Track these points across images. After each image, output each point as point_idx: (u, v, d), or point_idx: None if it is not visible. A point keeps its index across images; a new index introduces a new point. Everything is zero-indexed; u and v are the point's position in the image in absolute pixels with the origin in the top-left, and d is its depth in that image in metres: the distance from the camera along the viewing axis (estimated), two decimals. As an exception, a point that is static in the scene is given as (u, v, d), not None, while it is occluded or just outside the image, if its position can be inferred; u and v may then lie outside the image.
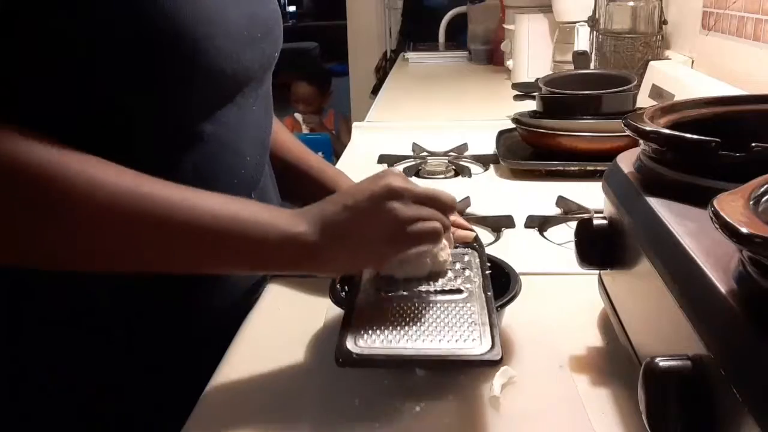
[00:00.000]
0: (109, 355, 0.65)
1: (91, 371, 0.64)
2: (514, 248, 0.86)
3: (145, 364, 0.66)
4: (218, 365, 0.62)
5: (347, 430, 0.53)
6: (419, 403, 0.55)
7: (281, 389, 0.58)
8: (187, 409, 0.56)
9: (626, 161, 0.60)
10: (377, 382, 0.58)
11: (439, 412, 0.55)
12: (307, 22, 6.92)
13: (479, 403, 0.56)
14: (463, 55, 2.71)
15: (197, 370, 0.61)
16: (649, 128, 0.54)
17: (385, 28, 3.65)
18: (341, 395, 0.57)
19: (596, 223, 0.61)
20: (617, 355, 0.61)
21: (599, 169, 1.07)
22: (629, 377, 0.54)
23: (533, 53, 1.95)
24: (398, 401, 0.56)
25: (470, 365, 0.54)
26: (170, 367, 0.67)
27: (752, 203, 0.36)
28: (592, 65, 1.56)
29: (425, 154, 1.31)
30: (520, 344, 0.64)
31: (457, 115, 1.68)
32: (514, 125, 1.26)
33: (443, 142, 1.35)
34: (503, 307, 0.61)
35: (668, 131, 0.54)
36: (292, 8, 7.20)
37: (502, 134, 1.32)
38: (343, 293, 0.64)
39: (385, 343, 0.52)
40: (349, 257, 0.57)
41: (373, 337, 0.53)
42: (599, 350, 0.62)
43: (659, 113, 0.59)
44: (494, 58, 2.44)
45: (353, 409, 0.55)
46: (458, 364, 0.52)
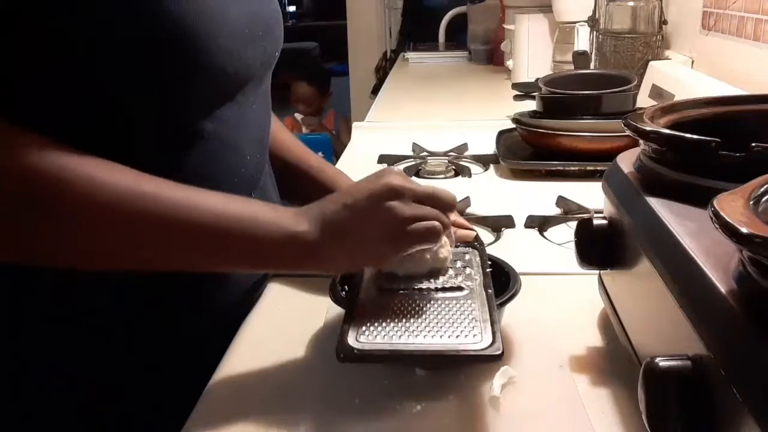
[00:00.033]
0: (109, 355, 0.65)
1: (91, 371, 0.64)
2: (514, 248, 0.86)
3: (145, 364, 0.66)
4: (218, 365, 0.62)
5: (347, 429, 0.53)
6: (419, 402, 0.55)
7: (281, 389, 0.58)
8: (187, 409, 0.56)
9: (626, 161, 0.60)
10: (377, 381, 0.58)
11: (439, 411, 0.55)
12: (307, 22, 6.93)
13: (479, 402, 0.56)
14: (463, 55, 2.71)
15: (197, 370, 0.61)
16: (649, 128, 0.54)
17: (385, 28, 3.65)
18: (342, 394, 0.57)
19: (596, 223, 0.61)
20: (617, 355, 0.61)
21: (599, 169, 1.07)
22: (629, 377, 0.54)
23: (533, 53, 1.95)
24: (398, 401, 0.56)
25: (471, 360, 0.54)
26: (170, 367, 0.67)
27: (752, 203, 0.36)
28: (592, 65, 1.56)
29: (425, 154, 1.31)
30: (520, 344, 0.64)
31: (457, 115, 1.68)
32: (514, 125, 1.26)
33: (443, 142, 1.35)
34: (503, 304, 0.61)
35: (668, 131, 0.54)
36: (292, 8, 7.20)
37: (502, 134, 1.32)
38: (343, 292, 0.64)
39: (386, 339, 0.52)
40: (349, 256, 0.57)
41: (374, 333, 0.53)
42: (599, 350, 0.63)
43: (659, 113, 0.59)
44: (494, 58, 2.44)
45: (354, 407, 0.55)
46: (459, 359, 0.52)
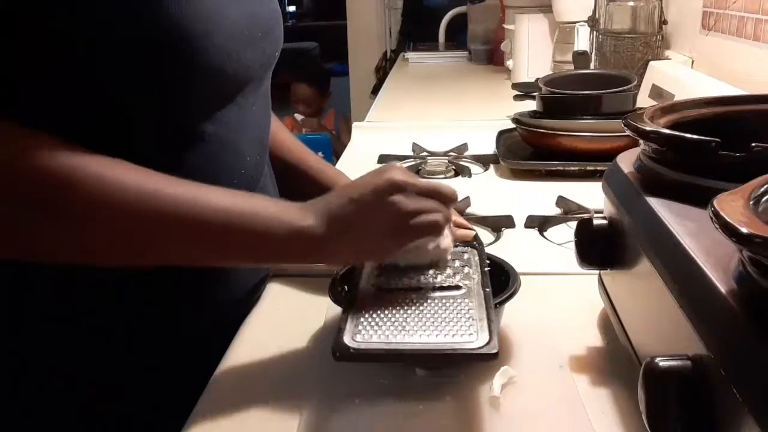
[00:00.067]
0: (109, 354, 0.65)
1: (91, 370, 0.65)
2: (514, 248, 0.86)
3: (145, 363, 0.66)
4: (218, 365, 0.62)
5: (347, 429, 0.53)
6: (419, 402, 0.55)
7: (281, 388, 0.58)
8: (187, 409, 0.56)
9: (626, 161, 0.60)
10: (377, 381, 0.58)
11: (438, 411, 0.55)
12: (307, 22, 6.92)
13: (479, 403, 0.56)
14: (463, 55, 2.71)
15: (197, 369, 0.61)
16: (649, 128, 0.54)
17: (385, 28, 3.65)
18: (342, 394, 0.57)
19: (596, 223, 0.61)
20: (617, 355, 0.61)
21: (599, 169, 1.07)
22: (629, 377, 0.54)
23: (533, 53, 1.95)
24: (398, 400, 0.56)
25: (467, 359, 0.54)
26: (170, 366, 0.67)
27: (752, 203, 0.36)
28: (592, 65, 1.56)
29: (425, 154, 1.31)
30: (519, 344, 0.64)
31: (457, 115, 1.68)
32: (514, 125, 1.26)
33: (443, 142, 1.35)
34: (502, 303, 0.61)
35: (668, 131, 0.54)
36: (292, 8, 7.19)
37: (502, 134, 1.32)
38: (342, 292, 0.64)
39: (382, 338, 0.52)
40: (353, 250, 0.58)
41: (370, 332, 0.53)
42: (599, 350, 0.62)
43: (659, 113, 0.59)
44: (494, 58, 2.44)
45: (353, 408, 0.55)
46: (455, 357, 0.52)
